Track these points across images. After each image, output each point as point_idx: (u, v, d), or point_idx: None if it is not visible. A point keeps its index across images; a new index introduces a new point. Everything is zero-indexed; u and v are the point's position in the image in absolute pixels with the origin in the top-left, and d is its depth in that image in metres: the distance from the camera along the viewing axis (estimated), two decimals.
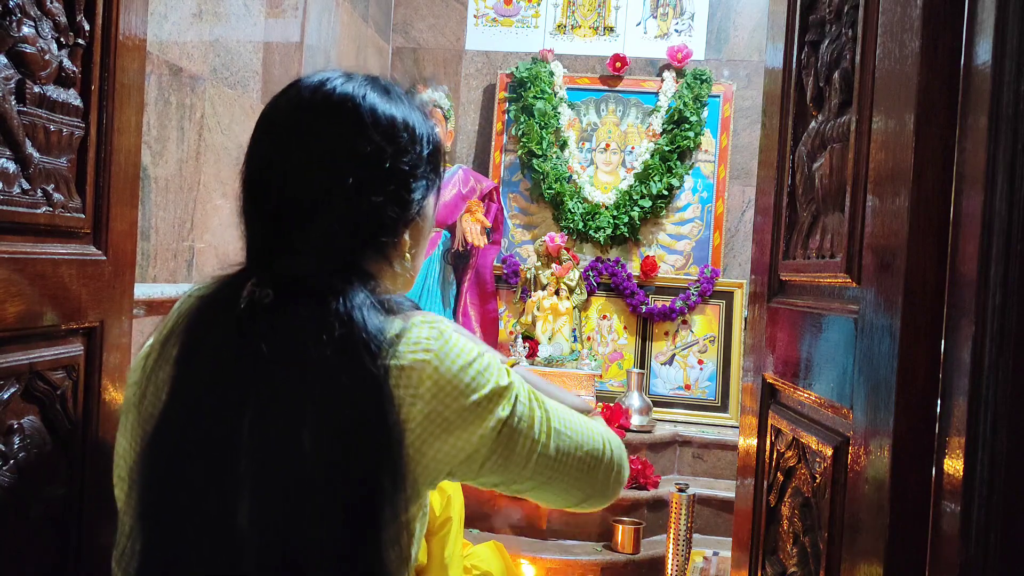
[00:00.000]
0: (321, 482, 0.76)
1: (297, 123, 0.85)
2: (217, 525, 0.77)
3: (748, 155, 3.82)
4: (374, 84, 0.88)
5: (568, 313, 3.55)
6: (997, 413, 0.66)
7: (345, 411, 0.77)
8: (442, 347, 0.81)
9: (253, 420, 0.77)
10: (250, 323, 0.79)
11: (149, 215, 2.04)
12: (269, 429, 0.77)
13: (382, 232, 0.86)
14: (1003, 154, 0.67)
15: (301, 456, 0.76)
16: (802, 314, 1.07)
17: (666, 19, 3.98)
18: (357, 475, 0.77)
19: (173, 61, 2.10)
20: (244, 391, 0.78)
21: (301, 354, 0.77)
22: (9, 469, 1.01)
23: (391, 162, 0.85)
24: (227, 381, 0.79)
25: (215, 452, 0.78)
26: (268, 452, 0.77)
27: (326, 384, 0.77)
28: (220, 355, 0.80)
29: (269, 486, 0.77)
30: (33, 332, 1.05)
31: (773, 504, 1.16)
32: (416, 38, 4.16)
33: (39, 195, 1.05)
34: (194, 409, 0.80)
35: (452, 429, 0.81)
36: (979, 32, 0.72)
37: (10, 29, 0.98)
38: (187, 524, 0.78)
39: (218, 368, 0.80)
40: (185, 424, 0.80)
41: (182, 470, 0.79)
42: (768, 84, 1.32)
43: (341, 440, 0.77)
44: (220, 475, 0.78)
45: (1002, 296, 0.67)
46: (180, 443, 0.80)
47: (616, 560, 2.93)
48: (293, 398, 0.77)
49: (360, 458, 0.77)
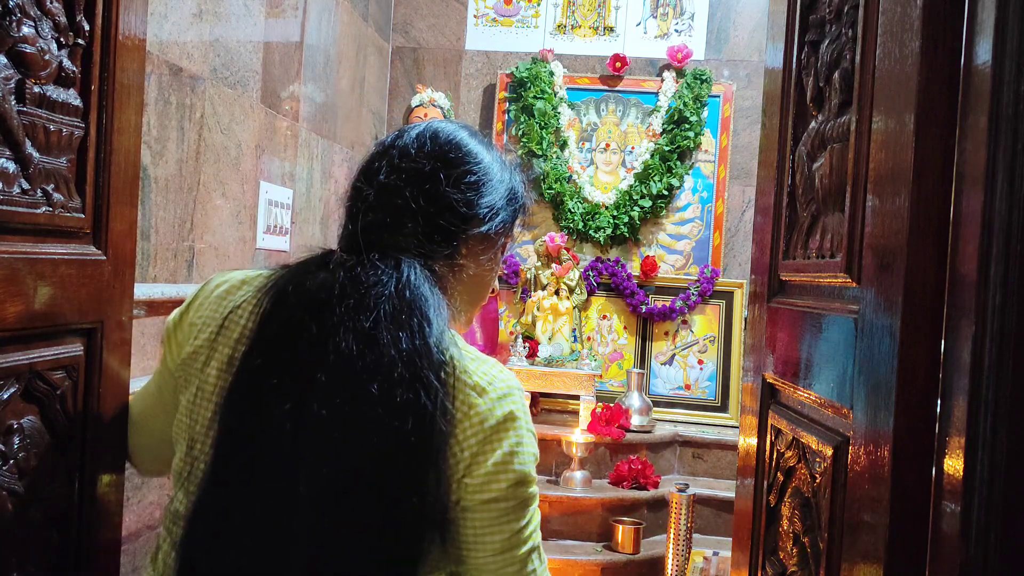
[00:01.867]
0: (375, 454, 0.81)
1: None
2: (277, 484, 0.82)
3: (748, 155, 3.82)
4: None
5: (568, 313, 3.55)
6: (997, 413, 0.66)
7: (406, 383, 0.82)
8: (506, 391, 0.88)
9: (323, 386, 0.82)
10: (334, 276, 0.87)
11: (149, 215, 2.04)
12: (338, 395, 0.82)
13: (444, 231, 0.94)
14: (1003, 154, 0.67)
15: (363, 427, 0.81)
16: (802, 314, 1.07)
17: (666, 19, 3.98)
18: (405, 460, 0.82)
19: (173, 61, 2.10)
20: (318, 353, 0.83)
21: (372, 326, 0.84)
22: (9, 469, 1.01)
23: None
24: (306, 339, 0.85)
25: (287, 405, 0.83)
26: (333, 423, 0.81)
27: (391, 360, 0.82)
28: (305, 304, 0.87)
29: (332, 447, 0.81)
30: (33, 332, 1.05)
31: (773, 504, 1.16)
32: (416, 38, 4.16)
33: (39, 195, 1.05)
34: (274, 363, 0.86)
35: (481, 466, 0.86)
36: (979, 32, 0.72)
37: (10, 29, 0.98)
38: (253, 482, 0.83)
39: (301, 319, 0.86)
40: (264, 376, 0.85)
41: (259, 420, 0.84)
42: (768, 84, 1.32)
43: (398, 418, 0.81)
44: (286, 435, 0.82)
45: (1002, 296, 0.67)
46: (259, 393, 0.85)
47: (616, 560, 2.93)
48: (364, 365, 0.82)
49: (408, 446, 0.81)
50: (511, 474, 0.86)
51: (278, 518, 0.81)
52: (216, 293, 0.99)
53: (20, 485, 1.04)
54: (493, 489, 0.86)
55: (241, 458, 0.84)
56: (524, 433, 0.88)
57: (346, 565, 0.80)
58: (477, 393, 0.86)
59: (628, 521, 3.01)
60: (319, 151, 3.27)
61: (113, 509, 1.23)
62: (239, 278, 1.00)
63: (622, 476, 3.19)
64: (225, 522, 0.83)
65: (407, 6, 4.15)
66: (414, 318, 0.84)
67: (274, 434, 0.82)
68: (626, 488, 3.16)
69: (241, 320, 0.93)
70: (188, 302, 1.04)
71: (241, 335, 0.92)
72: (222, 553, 0.83)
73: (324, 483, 0.80)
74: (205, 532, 0.84)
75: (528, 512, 0.90)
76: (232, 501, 0.83)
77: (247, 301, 0.94)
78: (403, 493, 0.81)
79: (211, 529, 0.84)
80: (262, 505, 0.82)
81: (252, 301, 0.93)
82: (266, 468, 0.83)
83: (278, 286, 0.91)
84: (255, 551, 0.81)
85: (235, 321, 0.94)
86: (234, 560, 0.82)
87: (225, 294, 0.98)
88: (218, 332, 0.94)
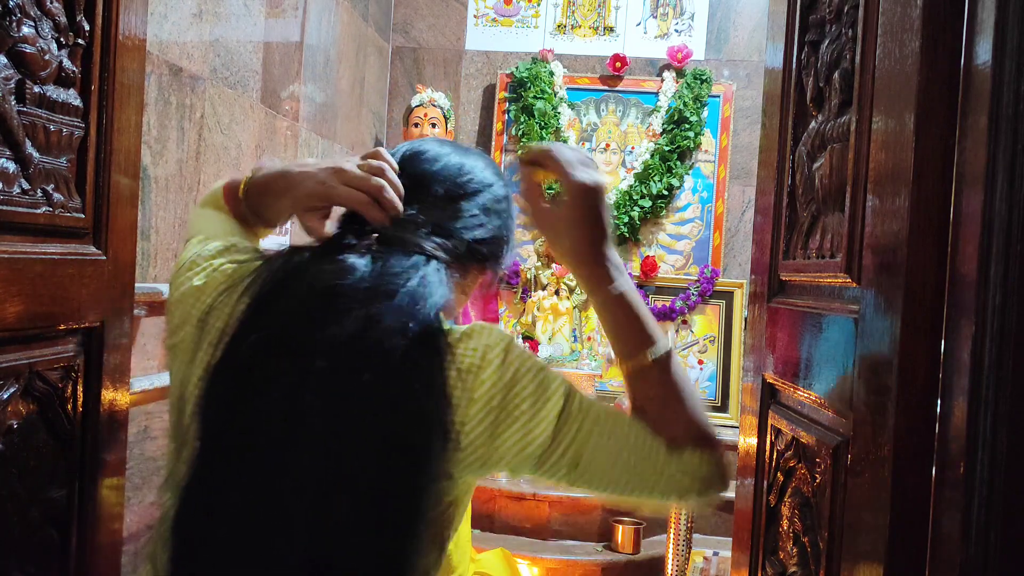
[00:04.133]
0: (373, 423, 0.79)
1: None
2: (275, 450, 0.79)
3: (748, 155, 3.82)
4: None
5: (568, 313, 3.55)
6: (997, 413, 0.66)
7: (407, 362, 0.80)
8: (501, 353, 0.84)
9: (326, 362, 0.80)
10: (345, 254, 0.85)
11: (149, 215, 2.04)
12: (339, 369, 0.80)
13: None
14: (1003, 154, 0.67)
15: (362, 397, 0.79)
16: (802, 314, 1.07)
17: (666, 19, 3.97)
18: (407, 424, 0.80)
19: (173, 61, 2.10)
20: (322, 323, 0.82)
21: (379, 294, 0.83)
22: (9, 469, 1.01)
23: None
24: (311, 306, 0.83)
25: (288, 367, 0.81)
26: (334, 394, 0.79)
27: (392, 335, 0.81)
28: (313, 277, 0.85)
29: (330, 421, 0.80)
30: (33, 332, 1.05)
31: (773, 504, 1.16)
32: (416, 38, 4.16)
33: (39, 195, 1.05)
34: (273, 331, 0.83)
35: (512, 421, 0.82)
36: (979, 32, 0.72)
37: (10, 29, 0.98)
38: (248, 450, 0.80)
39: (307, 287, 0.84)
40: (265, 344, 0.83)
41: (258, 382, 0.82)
42: (768, 84, 1.32)
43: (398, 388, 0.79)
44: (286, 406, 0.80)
45: (1002, 296, 0.67)
46: (257, 355, 0.82)
47: (616, 560, 2.93)
48: (364, 338, 0.80)
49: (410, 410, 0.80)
50: (542, 420, 0.82)
51: (272, 510, 0.78)
52: (192, 284, 0.93)
53: (20, 485, 1.04)
54: (539, 435, 0.82)
55: (232, 442, 0.81)
56: (521, 372, 0.83)
57: (343, 557, 0.78)
58: (474, 374, 0.83)
59: (628, 521, 3.01)
60: (319, 151, 3.27)
61: (113, 509, 1.23)
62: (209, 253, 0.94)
63: None
64: (216, 514, 0.80)
65: (407, 6, 4.15)
66: (422, 309, 0.83)
67: (266, 421, 0.80)
68: None
69: (225, 310, 0.88)
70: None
71: (227, 323, 0.87)
72: (215, 544, 0.80)
73: (323, 474, 0.78)
74: (196, 521, 0.82)
75: (582, 409, 0.84)
76: (222, 491, 0.81)
77: (233, 286, 0.89)
78: (403, 487, 0.79)
79: (203, 518, 0.81)
80: (255, 497, 0.79)
81: (239, 286, 0.89)
82: (258, 456, 0.80)
83: (276, 268, 0.88)
84: (248, 545, 0.79)
85: (216, 314, 0.89)
86: (227, 553, 0.80)
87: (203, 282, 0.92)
88: (202, 323, 0.89)
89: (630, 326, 0.89)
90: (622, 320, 0.89)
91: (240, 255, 0.93)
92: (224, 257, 0.93)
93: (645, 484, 0.87)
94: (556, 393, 0.84)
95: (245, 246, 0.96)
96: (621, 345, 0.90)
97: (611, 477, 0.86)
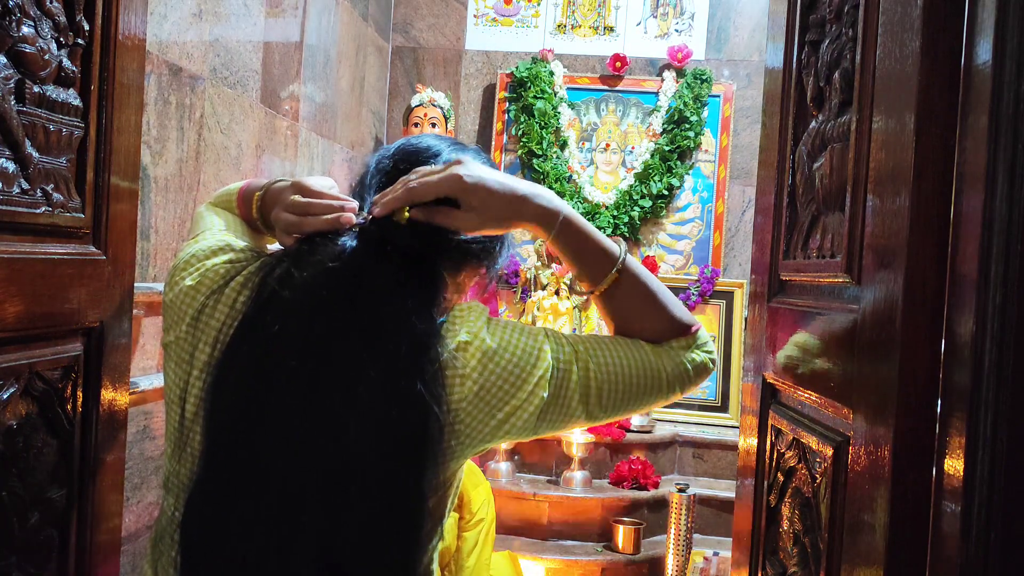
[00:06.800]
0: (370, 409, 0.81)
1: None
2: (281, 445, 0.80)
3: (748, 155, 3.82)
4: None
5: (568, 313, 3.55)
6: (997, 413, 0.66)
7: (404, 350, 0.82)
8: (484, 326, 0.88)
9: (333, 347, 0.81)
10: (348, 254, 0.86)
11: (149, 215, 2.04)
12: (340, 358, 0.81)
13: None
14: (1003, 154, 0.67)
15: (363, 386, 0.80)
16: (802, 314, 1.07)
17: (666, 19, 3.97)
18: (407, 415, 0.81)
19: (173, 61, 2.10)
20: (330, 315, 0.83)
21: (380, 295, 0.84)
22: (9, 469, 1.01)
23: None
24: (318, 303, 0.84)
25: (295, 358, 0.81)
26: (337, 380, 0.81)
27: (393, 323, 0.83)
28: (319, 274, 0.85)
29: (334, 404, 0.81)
30: (33, 332, 1.05)
31: (773, 504, 1.16)
32: (416, 38, 4.16)
33: (39, 195, 1.05)
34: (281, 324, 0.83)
35: (504, 400, 0.85)
36: (979, 32, 0.72)
37: (10, 29, 0.98)
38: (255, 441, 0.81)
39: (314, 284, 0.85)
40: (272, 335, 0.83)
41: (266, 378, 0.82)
42: (768, 84, 1.32)
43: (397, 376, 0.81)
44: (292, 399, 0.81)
45: (1002, 295, 0.67)
46: (267, 347, 0.83)
47: (616, 560, 2.93)
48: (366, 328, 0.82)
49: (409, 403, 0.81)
50: (533, 396, 0.85)
51: (283, 509, 0.79)
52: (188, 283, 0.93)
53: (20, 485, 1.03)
54: (535, 403, 0.85)
55: (241, 442, 0.82)
56: (500, 344, 0.86)
57: (352, 555, 0.79)
58: (463, 350, 0.86)
59: (628, 521, 3.00)
60: (319, 151, 3.27)
61: (113, 509, 1.23)
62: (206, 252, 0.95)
63: (622, 476, 3.18)
64: (226, 519, 0.81)
65: (407, 6, 4.15)
66: (426, 310, 0.85)
67: (274, 419, 0.80)
68: (626, 488, 3.16)
69: (223, 309, 0.89)
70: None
71: (227, 321, 0.88)
72: (227, 550, 0.81)
73: (332, 465, 0.79)
74: (206, 527, 0.83)
75: (571, 369, 0.88)
76: (232, 495, 0.81)
77: (225, 286, 0.90)
78: (406, 483, 0.80)
79: (213, 524, 0.82)
80: (266, 498, 0.79)
81: (239, 283, 0.89)
82: (268, 455, 0.80)
83: (275, 268, 0.88)
84: (261, 547, 0.80)
85: (211, 314, 0.89)
86: (239, 557, 0.80)
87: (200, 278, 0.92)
88: (196, 320, 0.90)
89: (588, 245, 0.92)
90: (580, 245, 0.92)
91: (234, 255, 0.94)
92: (217, 257, 0.93)
93: (650, 390, 0.92)
94: (543, 347, 0.88)
95: (240, 246, 0.96)
96: (587, 268, 0.93)
97: (618, 398, 0.90)
